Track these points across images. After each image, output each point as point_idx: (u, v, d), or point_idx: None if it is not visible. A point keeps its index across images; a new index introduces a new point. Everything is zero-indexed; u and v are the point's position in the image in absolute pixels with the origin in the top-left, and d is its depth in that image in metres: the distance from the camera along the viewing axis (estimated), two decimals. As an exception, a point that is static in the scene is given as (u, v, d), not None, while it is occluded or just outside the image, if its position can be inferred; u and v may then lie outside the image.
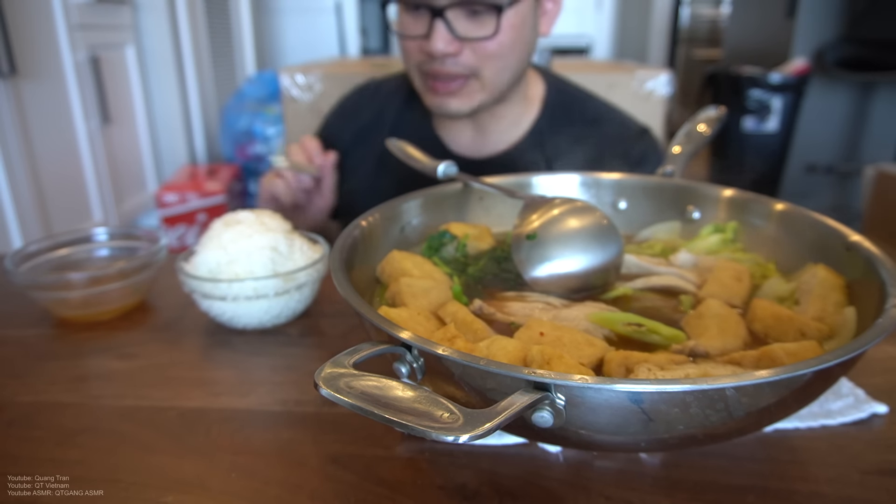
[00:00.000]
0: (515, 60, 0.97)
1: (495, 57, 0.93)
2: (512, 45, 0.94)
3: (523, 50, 0.97)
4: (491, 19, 0.90)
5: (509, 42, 0.93)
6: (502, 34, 0.91)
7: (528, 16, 0.95)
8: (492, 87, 0.98)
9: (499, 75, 0.97)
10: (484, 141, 1.10)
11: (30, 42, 2.59)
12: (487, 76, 0.96)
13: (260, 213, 0.77)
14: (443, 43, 0.90)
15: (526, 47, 0.98)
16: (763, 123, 3.55)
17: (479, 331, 0.54)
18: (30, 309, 0.84)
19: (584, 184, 0.81)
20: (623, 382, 0.37)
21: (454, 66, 0.93)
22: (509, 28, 0.92)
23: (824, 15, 3.49)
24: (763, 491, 0.48)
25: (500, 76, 0.97)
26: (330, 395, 0.36)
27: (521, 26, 0.94)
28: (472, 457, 0.52)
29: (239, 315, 0.72)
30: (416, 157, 0.82)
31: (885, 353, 0.67)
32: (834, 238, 0.62)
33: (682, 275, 0.67)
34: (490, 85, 0.97)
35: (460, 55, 0.93)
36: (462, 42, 0.91)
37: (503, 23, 0.90)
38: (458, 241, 0.73)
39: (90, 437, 0.56)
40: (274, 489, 0.49)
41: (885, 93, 3.54)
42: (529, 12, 0.95)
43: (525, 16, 0.94)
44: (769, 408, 0.42)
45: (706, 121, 0.84)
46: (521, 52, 0.97)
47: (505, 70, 0.97)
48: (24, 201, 2.55)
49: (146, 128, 3.49)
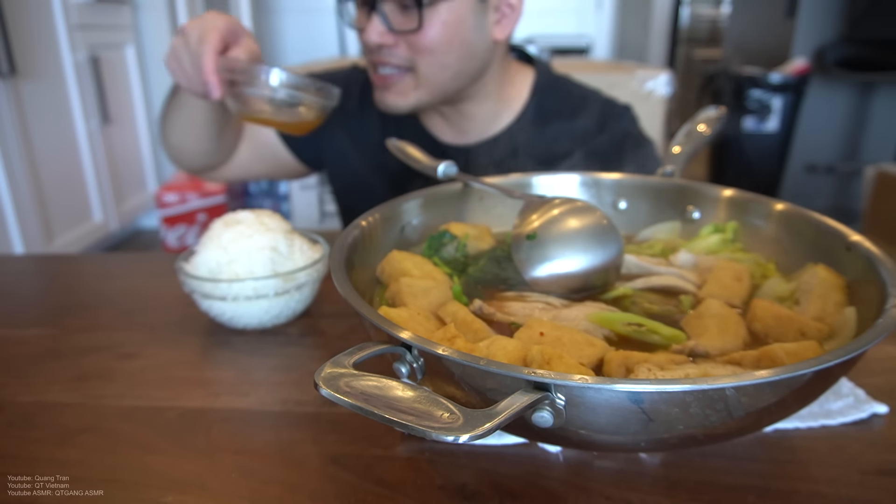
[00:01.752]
0: (455, 59, 0.97)
1: (428, 52, 0.95)
2: (446, 43, 0.95)
3: (465, 50, 0.97)
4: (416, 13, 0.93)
5: (441, 38, 0.94)
6: (431, 29, 0.93)
7: (466, 16, 0.95)
8: (429, 84, 0.98)
9: (436, 73, 0.97)
10: (463, 135, 1.11)
11: (30, 42, 2.59)
12: (422, 72, 0.97)
13: (260, 214, 0.77)
14: (375, 34, 0.93)
15: (468, 48, 0.97)
16: (763, 123, 3.55)
17: (479, 331, 0.54)
18: (30, 309, 0.84)
19: (583, 184, 0.81)
20: (623, 382, 0.37)
21: (389, 56, 0.96)
22: (440, 24, 0.93)
23: (824, 15, 3.49)
24: (763, 491, 0.48)
25: (438, 74, 0.97)
26: (330, 395, 0.36)
27: (455, 24, 0.94)
28: (472, 457, 0.52)
29: (239, 315, 0.72)
30: (415, 157, 0.82)
31: (886, 353, 0.67)
32: (834, 238, 0.62)
33: (682, 275, 0.67)
34: (427, 82, 0.98)
35: (396, 47, 0.95)
36: (396, 35, 0.94)
37: (430, 17, 0.92)
38: (458, 241, 0.73)
39: (90, 436, 0.56)
40: (274, 489, 0.49)
41: (885, 93, 3.54)
42: (469, 13, 0.95)
43: (462, 15, 0.94)
44: (769, 408, 0.42)
45: (706, 121, 0.84)
46: (461, 51, 0.97)
47: (444, 68, 0.97)
48: (24, 201, 2.55)
49: (146, 128, 3.49)
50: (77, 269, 1.03)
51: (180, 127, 1.01)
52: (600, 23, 5.32)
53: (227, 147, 1.10)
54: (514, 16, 1.02)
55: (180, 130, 1.02)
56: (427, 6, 0.91)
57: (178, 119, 1.00)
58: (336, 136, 1.16)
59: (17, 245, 2.53)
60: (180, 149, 1.06)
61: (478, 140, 1.11)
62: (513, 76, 1.11)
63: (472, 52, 0.99)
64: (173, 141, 1.05)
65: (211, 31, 0.81)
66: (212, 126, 1.01)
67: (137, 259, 1.09)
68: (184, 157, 1.09)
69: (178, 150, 1.07)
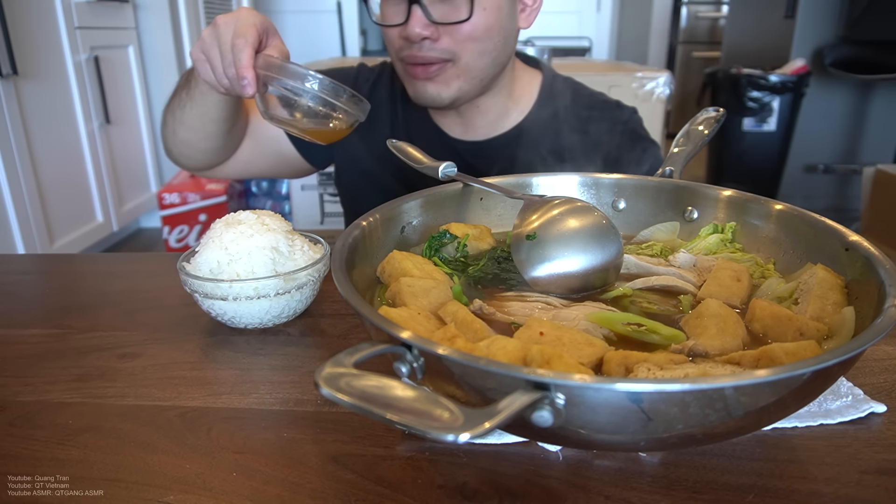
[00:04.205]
0: (493, 46, 0.98)
1: (472, 40, 0.95)
2: (488, 29, 0.96)
3: (501, 37, 0.99)
4: (464, 2, 0.93)
5: (484, 25, 0.95)
6: (476, 17, 0.93)
7: (503, 3, 0.97)
8: (470, 72, 0.99)
9: (476, 60, 0.98)
10: (475, 132, 1.12)
11: (31, 43, 2.59)
12: (465, 60, 0.97)
13: (261, 214, 0.77)
14: (419, 27, 0.93)
15: (504, 34, 0.99)
16: (762, 124, 3.56)
17: (479, 331, 0.55)
18: (31, 308, 0.84)
19: (583, 184, 0.82)
20: (622, 382, 0.37)
21: (431, 50, 0.96)
22: (483, 11, 0.94)
23: (823, 16, 3.49)
24: (762, 490, 0.48)
25: (478, 61, 0.98)
26: (330, 394, 0.36)
27: (496, 10, 0.96)
28: (473, 456, 0.52)
29: (240, 315, 0.73)
30: (416, 157, 0.82)
31: (884, 353, 0.67)
32: (833, 238, 0.62)
33: (682, 275, 0.67)
34: (468, 70, 0.98)
35: (438, 40, 0.95)
36: (438, 26, 0.94)
37: (476, 5, 0.93)
38: (458, 241, 0.73)
39: (91, 436, 0.56)
40: (274, 488, 0.49)
41: (883, 93, 3.55)
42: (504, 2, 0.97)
43: (500, 2, 0.96)
44: (768, 407, 0.42)
45: (705, 121, 0.84)
46: (499, 38, 0.98)
47: (483, 55, 0.98)
48: (25, 202, 2.55)
49: (147, 128, 3.49)
50: (78, 269, 1.03)
51: (190, 122, 1.00)
52: (600, 24, 5.33)
53: (234, 144, 1.09)
54: (536, 6, 1.04)
55: (189, 126, 1.00)
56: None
57: (188, 114, 0.99)
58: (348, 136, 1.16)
59: (19, 245, 2.53)
60: (187, 145, 1.04)
61: (486, 137, 1.11)
62: (520, 73, 1.13)
63: (506, 40, 1.00)
64: (181, 137, 1.03)
65: (248, 26, 0.78)
66: (224, 123, 1.00)
67: (138, 259, 1.10)
68: (190, 155, 1.07)
69: (185, 146, 1.05)
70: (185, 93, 0.98)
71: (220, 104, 0.95)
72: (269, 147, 1.15)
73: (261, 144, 1.14)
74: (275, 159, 1.17)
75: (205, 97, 0.94)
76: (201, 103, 0.95)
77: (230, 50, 0.79)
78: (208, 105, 0.95)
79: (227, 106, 0.96)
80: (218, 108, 0.95)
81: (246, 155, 1.14)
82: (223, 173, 1.15)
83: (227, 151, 1.09)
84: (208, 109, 0.96)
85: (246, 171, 1.17)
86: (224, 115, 0.97)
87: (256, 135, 1.13)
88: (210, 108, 0.96)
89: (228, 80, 0.81)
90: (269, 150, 1.15)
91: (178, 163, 1.11)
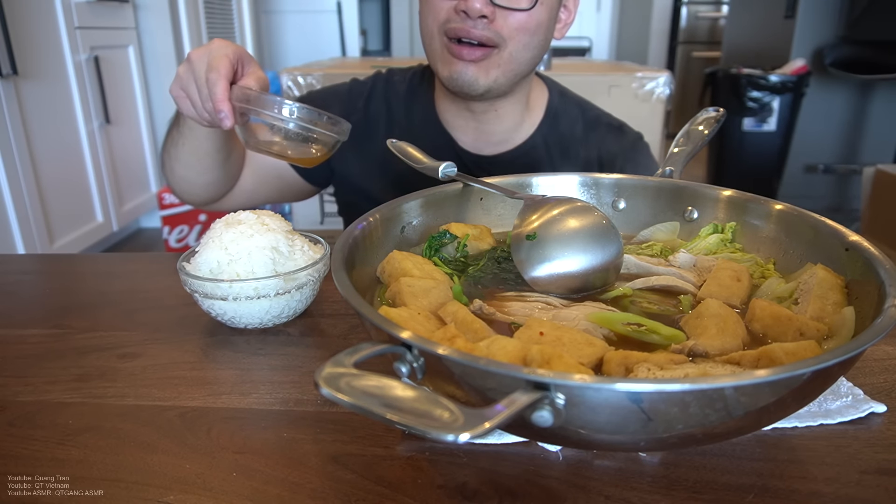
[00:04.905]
0: (538, 42, 0.98)
1: (524, 31, 0.95)
2: (542, 25, 0.96)
3: (546, 36, 0.99)
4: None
5: (540, 20, 0.95)
6: (538, 9, 0.94)
7: (556, 5, 0.98)
8: (511, 63, 0.98)
9: (521, 52, 0.97)
10: (486, 141, 1.11)
11: (31, 43, 2.59)
12: (511, 50, 0.96)
13: (260, 214, 0.77)
14: (480, 3, 0.90)
15: (547, 35, 1.00)
16: (762, 124, 3.56)
17: (479, 331, 0.55)
18: (31, 308, 0.84)
19: (583, 184, 0.82)
20: (622, 382, 0.37)
21: (485, 30, 0.93)
22: (543, 6, 0.94)
23: (823, 16, 3.49)
24: (762, 490, 0.48)
25: (523, 54, 0.98)
26: (330, 394, 0.36)
27: (549, 9, 0.96)
28: (473, 456, 0.52)
29: (240, 315, 0.73)
30: (416, 157, 0.82)
31: (884, 353, 0.67)
32: (833, 238, 0.62)
33: (682, 275, 0.67)
34: (511, 61, 0.98)
35: (493, 22, 0.93)
36: (497, 8, 0.93)
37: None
38: (458, 241, 0.73)
39: (91, 436, 0.56)
40: (274, 488, 0.49)
41: (883, 93, 3.55)
42: (556, 5, 0.98)
43: (554, 6, 0.97)
44: (768, 407, 0.42)
45: (705, 122, 0.84)
46: (544, 36, 0.99)
47: (528, 49, 0.98)
48: (25, 202, 2.55)
49: (147, 128, 3.49)
50: (78, 269, 1.03)
51: (185, 159, 1.00)
52: (600, 24, 5.33)
53: (233, 174, 1.08)
54: (569, 21, 1.05)
55: (185, 162, 1.00)
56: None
57: (182, 151, 0.99)
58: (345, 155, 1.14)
59: (19, 245, 2.53)
60: (186, 181, 1.05)
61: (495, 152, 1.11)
62: (533, 82, 1.12)
63: (547, 40, 1.01)
64: (179, 173, 1.03)
65: (221, 58, 0.78)
66: (218, 154, 0.99)
67: (139, 259, 1.10)
68: (190, 190, 1.07)
69: (185, 182, 1.05)
70: (175, 130, 0.98)
71: (210, 137, 0.95)
72: (269, 173, 1.14)
73: (261, 171, 1.14)
74: (276, 184, 1.17)
75: (193, 132, 0.94)
76: (191, 139, 0.96)
77: (205, 84, 0.79)
78: (199, 139, 0.95)
79: (218, 138, 0.96)
80: (209, 140, 0.96)
81: (248, 184, 1.13)
82: (229, 205, 1.14)
83: (228, 182, 1.09)
84: (200, 144, 0.96)
85: (251, 200, 1.16)
86: (216, 146, 0.97)
87: (255, 163, 1.13)
88: (201, 141, 0.96)
89: (208, 113, 0.82)
90: (270, 177, 1.15)
91: (183, 199, 1.11)
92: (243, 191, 1.13)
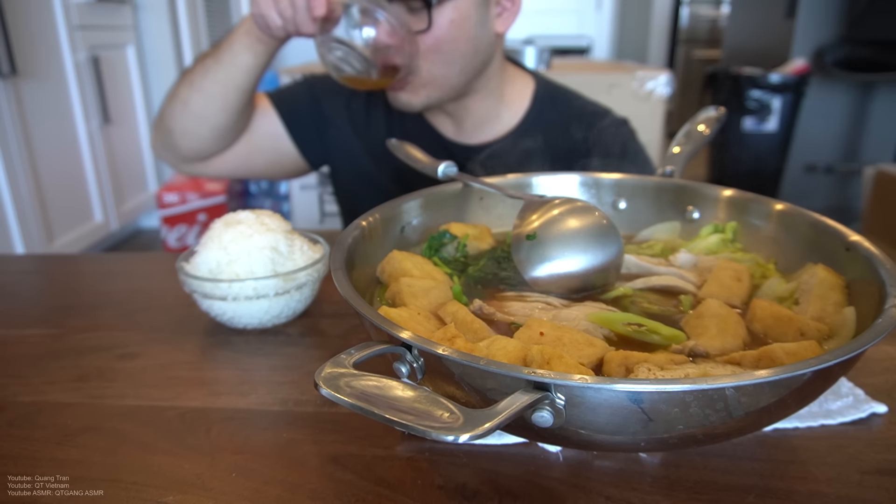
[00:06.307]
0: (460, 56, 0.98)
1: (433, 50, 0.95)
2: (452, 41, 0.95)
3: (471, 46, 0.98)
4: (425, 14, 0.93)
5: (447, 37, 0.94)
6: (437, 29, 0.93)
7: (471, 12, 0.96)
8: (436, 81, 0.99)
9: (441, 68, 0.98)
10: (467, 134, 1.12)
11: (30, 42, 2.59)
12: (428, 69, 0.97)
13: (260, 214, 0.77)
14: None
15: (472, 43, 0.98)
16: (763, 123, 3.56)
17: (479, 331, 0.55)
18: (30, 309, 0.84)
19: (583, 184, 0.81)
20: (623, 382, 0.37)
21: None
22: (447, 23, 0.94)
23: (824, 15, 3.49)
24: (763, 490, 0.48)
25: (443, 69, 0.98)
26: (330, 394, 0.36)
27: (461, 21, 0.95)
28: (472, 456, 0.52)
29: (239, 315, 0.73)
30: (415, 157, 0.82)
31: (885, 353, 0.67)
32: (833, 238, 0.62)
33: (682, 275, 0.67)
34: (433, 80, 0.99)
35: None
36: None
37: (438, 17, 0.93)
38: (458, 241, 0.73)
39: (90, 436, 0.56)
40: (274, 489, 0.49)
41: (884, 93, 3.55)
42: (474, 9, 0.96)
43: (467, 12, 0.95)
44: (769, 407, 0.42)
45: (706, 121, 0.84)
46: (465, 47, 0.98)
47: (448, 64, 0.98)
48: (24, 202, 2.55)
49: (147, 128, 3.49)
50: (77, 269, 1.03)
51: (210, 89, 0.99)
52: (600, 23, 5.32)
53: (240, 126, 1.08)
54: (514, 8, 1.03)
55: (209, 94, 0.99)
56: (435, 6, 0.91)
57: (209, 82, 0.98)
58: (342, 134, 1.15)
59: (18, 245, 2.53)
60: (196, 118, 1.02)
61: (480, 139, 1.11)
62: (512, 77, 1.12)
63: (476, 48, 1.00)
64: (193, 108, 1.01)
65: None
66: (243, 95, 1.00)
67: (138, 259, 1.09)
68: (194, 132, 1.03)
69: (193, 119, 1.02)
70: (210, 59, 0.99)
71: (249, 71, 0.97)
72: (266, 143, 1.14)
73: (258, 139, 1.13)
74: (271, 155, 1.16)
75: (235, 59, 0.96)
76: (230, 66, 0.97)
77: None
78: (238, 68, 0.97)
79: (255, 75, 0.98)
80: (245, 75, 0.97)
81: (242, 149, 1.12)
82: (215, 168, 1.12)
83: (234, 133, 1.08)
84: (236, 74, 0.97)
85: (239, 167, 1.14)
86: (247, 85, 0.99)
87: (255, 130, 1.13)
88: (237, 73, 0.97)
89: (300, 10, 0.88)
90: (266, 146, 1.14)
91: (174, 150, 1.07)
92: (237, 155, 1.12)
